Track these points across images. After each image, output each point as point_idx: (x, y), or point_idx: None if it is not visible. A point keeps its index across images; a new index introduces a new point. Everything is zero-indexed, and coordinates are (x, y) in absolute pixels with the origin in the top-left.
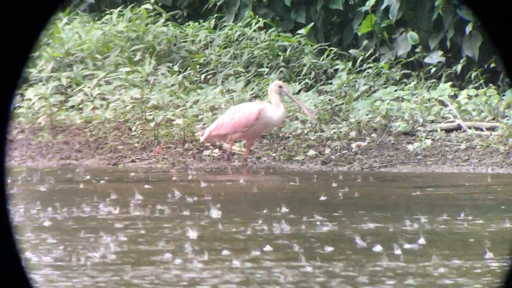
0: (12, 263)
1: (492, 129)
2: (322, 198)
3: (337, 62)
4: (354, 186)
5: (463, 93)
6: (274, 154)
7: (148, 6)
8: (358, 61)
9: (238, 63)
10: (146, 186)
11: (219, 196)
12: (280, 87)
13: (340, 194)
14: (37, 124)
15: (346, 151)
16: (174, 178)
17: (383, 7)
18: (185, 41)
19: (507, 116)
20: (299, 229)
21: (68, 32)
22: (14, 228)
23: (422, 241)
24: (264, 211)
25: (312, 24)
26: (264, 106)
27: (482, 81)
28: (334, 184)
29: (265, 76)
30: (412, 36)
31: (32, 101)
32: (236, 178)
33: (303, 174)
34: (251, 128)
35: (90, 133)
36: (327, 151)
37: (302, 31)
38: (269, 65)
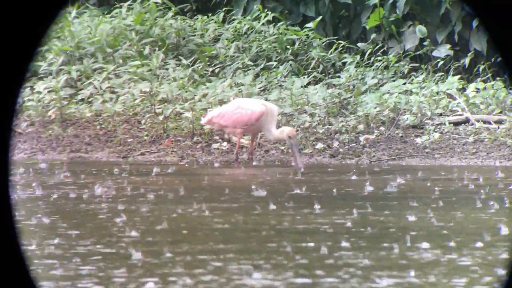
0: (12, 254)
1: (499, 122)
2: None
3: (345, 55)
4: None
5: (471, 87)
6: (283, 148)
7: None
8: (366, 54)
9: (246, 56)
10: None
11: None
12: (290, 137)
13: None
14: (47, 117)
15: (354, 144)
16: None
17: (391, 0)
18: (194, 35)
19: None
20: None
21: (78, 25)
22: (16, 222)
23: None
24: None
25: (320, 17)
26: (267, 110)
27: (489, 74)
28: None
29: (274, 70)
30: (420, 29)
31: (42, 94)
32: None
33: (322, 167)
34: (251, 127)
35: (99, 126)
36: (335, 144)
37: (311, 24)
38: (278, 58)
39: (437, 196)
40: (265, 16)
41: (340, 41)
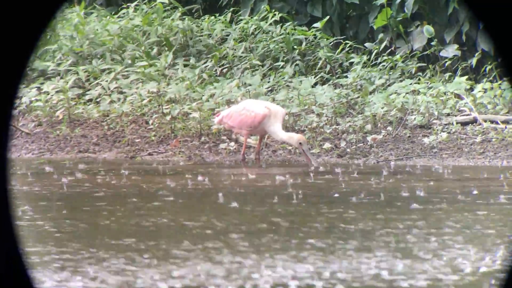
0: (12, 257)
1: (507, 122)
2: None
3: (353, 55)
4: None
5: (478, 87)
6: (290, 147)
7: (164, 0)
8: (374, 54)
9: (254, 57)
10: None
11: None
12: (301, 144)
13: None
14: (55, 117)
15: (362, 144)
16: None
17: (398, 0)
18: (201, 35)
19: None
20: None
21: (86, 25)
22: (15, 225)
23: None
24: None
25: (327, 17)
26: (270, 113)
27: (496, 74)
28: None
29: (281, 70)
30: (427, 29)
31: (49, 95)
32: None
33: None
34: (255, 129)
35: (107, 127)
36: (343, 144)
37: (318, 24)
38: (285, 58)
39: None
40: (272, 16)
41: (347, 41)
